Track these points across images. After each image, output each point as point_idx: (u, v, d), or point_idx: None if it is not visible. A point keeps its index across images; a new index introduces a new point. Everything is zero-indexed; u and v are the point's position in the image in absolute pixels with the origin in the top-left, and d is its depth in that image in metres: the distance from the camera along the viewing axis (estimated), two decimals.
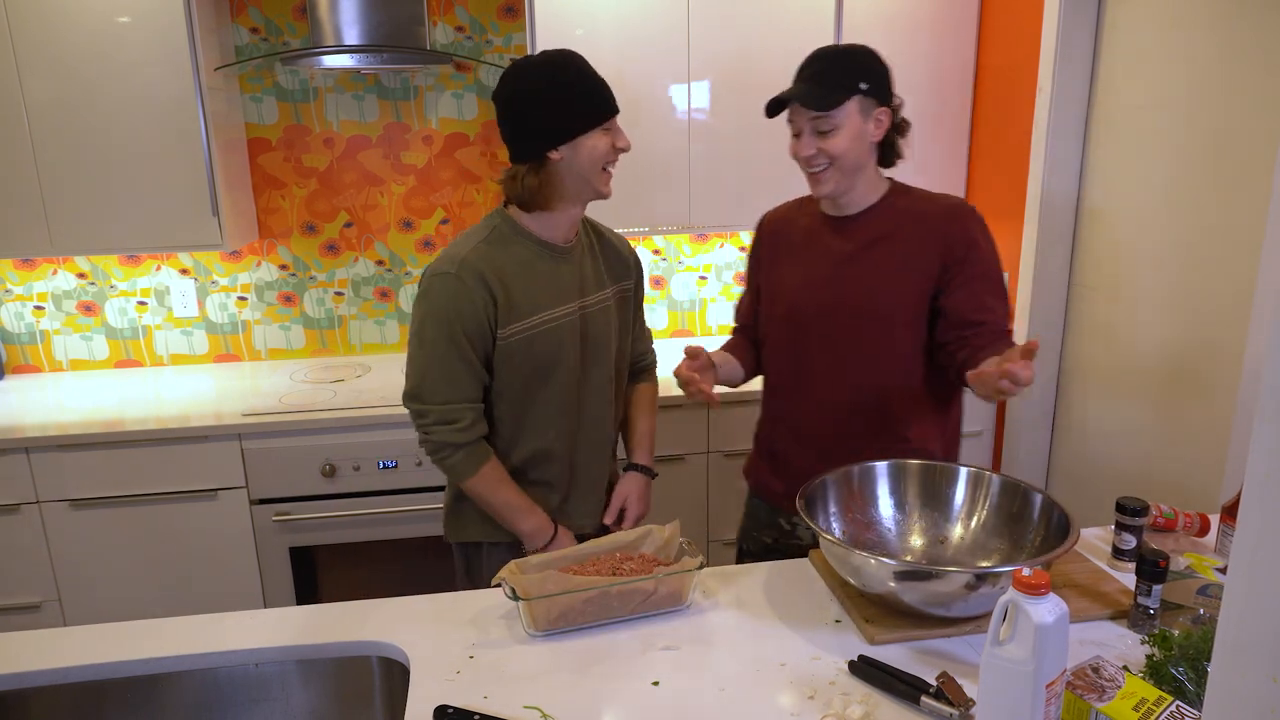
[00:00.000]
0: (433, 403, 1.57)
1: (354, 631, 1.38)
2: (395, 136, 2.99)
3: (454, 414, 1.58)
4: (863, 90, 1.57)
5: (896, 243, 1.65)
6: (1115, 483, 2.50)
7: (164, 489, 2.50)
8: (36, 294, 2.95)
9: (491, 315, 1.56)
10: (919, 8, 2.79)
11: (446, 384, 1.57)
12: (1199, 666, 1.13)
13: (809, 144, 1.60)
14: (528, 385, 1.63)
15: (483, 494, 1.62)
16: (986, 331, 1.61)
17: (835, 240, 1.70)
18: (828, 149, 1.58)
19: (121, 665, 1.31)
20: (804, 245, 1.75)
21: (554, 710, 1.18)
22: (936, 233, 1.63)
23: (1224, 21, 2.07)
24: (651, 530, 1.49)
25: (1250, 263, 2.00)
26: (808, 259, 1.73)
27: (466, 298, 1.53)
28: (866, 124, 1.59)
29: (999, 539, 1.46)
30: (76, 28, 2.44)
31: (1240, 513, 0.57)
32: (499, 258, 1.58)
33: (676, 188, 2.79)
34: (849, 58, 1.60)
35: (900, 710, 1.16)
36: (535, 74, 1.52)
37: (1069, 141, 2.55)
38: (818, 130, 1.58)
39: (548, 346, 1.62)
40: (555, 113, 1.52)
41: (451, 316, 1.54)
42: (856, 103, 1.57)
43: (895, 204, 1.68)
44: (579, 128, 1.52)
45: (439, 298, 1.55)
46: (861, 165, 1.62)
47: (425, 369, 1.57)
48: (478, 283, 1.54)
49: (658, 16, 2.67)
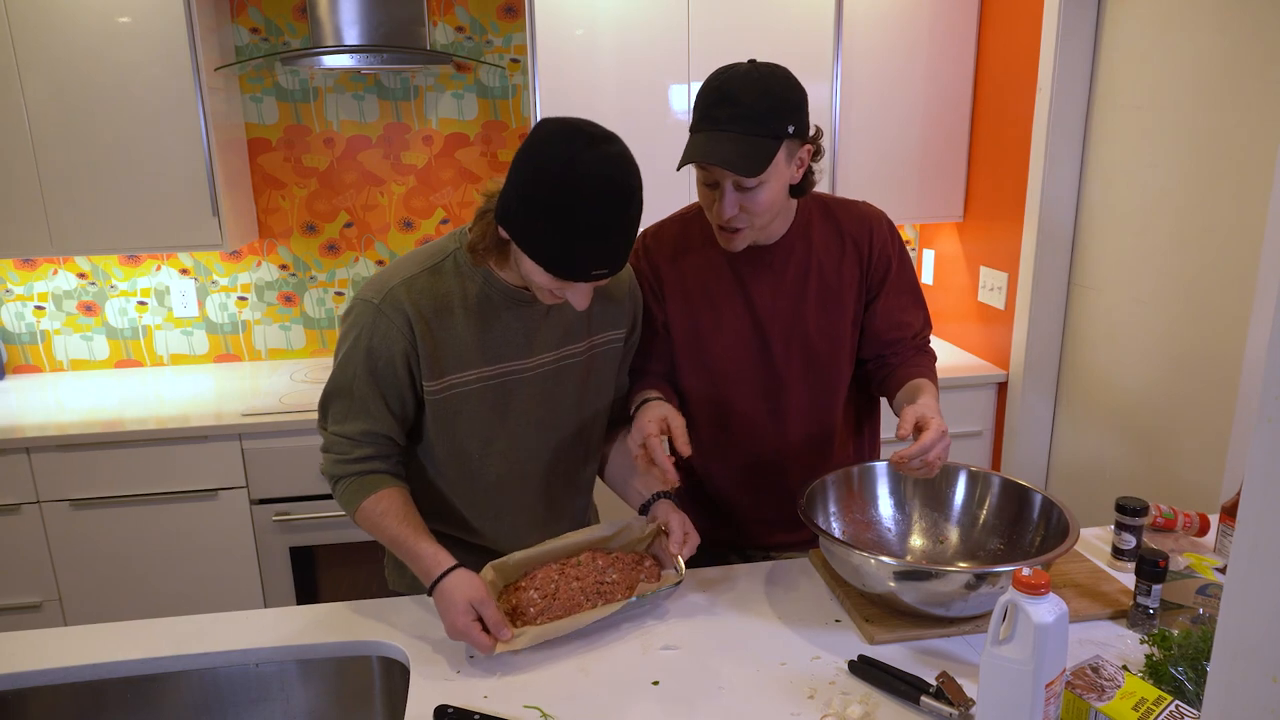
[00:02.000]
0: (326, 427, 1.41)
1: (354, 631, 1.38)
2: (395, 136, 2.99)
3: (337, 444, 1.38)
4: (790, 134, 1.36)
5: (822, 266, 1.53)
6: (1115, 483, 2.50)
7: (164, 489, 2.50)
8: (37, 294, 2.95)
9: (411, 360, 1.34)
10: (919, 8, 2.79)
11: (341, 413, 1.38)
12: (1198, 666, 1.13)
13: (731, 203, 1.38)
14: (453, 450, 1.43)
15: (369, 527, 1.38)
16: (905, 347, 1.57)
17: (753, 280, 1.53)
18: (751, 207, 1.39)
19: (121, 665, 1.31)
20: (715, 290, 1.55)
21: (554, 710, 1.18)
22: (852, 249, 1.53)
23: (1224, 21, 2.07)
24: (630, 525, 1.47)
25: (1250, 263, 2.00)
26: (724, 306, 1.55)
27: (381, 335, 1.32)
28: (789, 169, 1.41)
29: (999, 539, 1.46)
30: (76, 28, 2.44)
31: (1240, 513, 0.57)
32: (441, 293, 1.34)
33: (676, 188, 2.79)
34: (771, 96, 1.35)
35: (900, 710, 1.16)
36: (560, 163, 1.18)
37: (1069, 141, 2.55)
38: (741, 186, 1.37)
39: (488, 407, 1.40)
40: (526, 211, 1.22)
41: (365, 348, 1.33)
42: (784, 150, 1.36)
43: (810, 222, 1.54)
44: (527, 251, 1.23)
45: (356, 324, 1.35)
46: (779, 210, 1.46)
47: (328, 392, 1.39)
48: (399, 320, 1.32)
49: (658, 16, 2.67)
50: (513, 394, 1.42)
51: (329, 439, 1.40)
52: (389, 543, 1.38)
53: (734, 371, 1.57)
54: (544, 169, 1.19)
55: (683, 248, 1.58)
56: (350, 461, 1.38)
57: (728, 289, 1.55)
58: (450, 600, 1.27)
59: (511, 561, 1.39)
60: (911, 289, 1.60)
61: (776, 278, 1.53)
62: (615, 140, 1.22)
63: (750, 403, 1.58)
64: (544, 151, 1.20)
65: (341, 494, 1.40)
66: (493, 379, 1.40)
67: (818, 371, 1.57)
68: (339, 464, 1.39)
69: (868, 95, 2.83)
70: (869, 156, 2.88)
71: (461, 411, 1.40)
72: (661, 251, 1.59)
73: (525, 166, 1.22)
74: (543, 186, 1.19)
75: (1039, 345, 2.71)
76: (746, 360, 1.56)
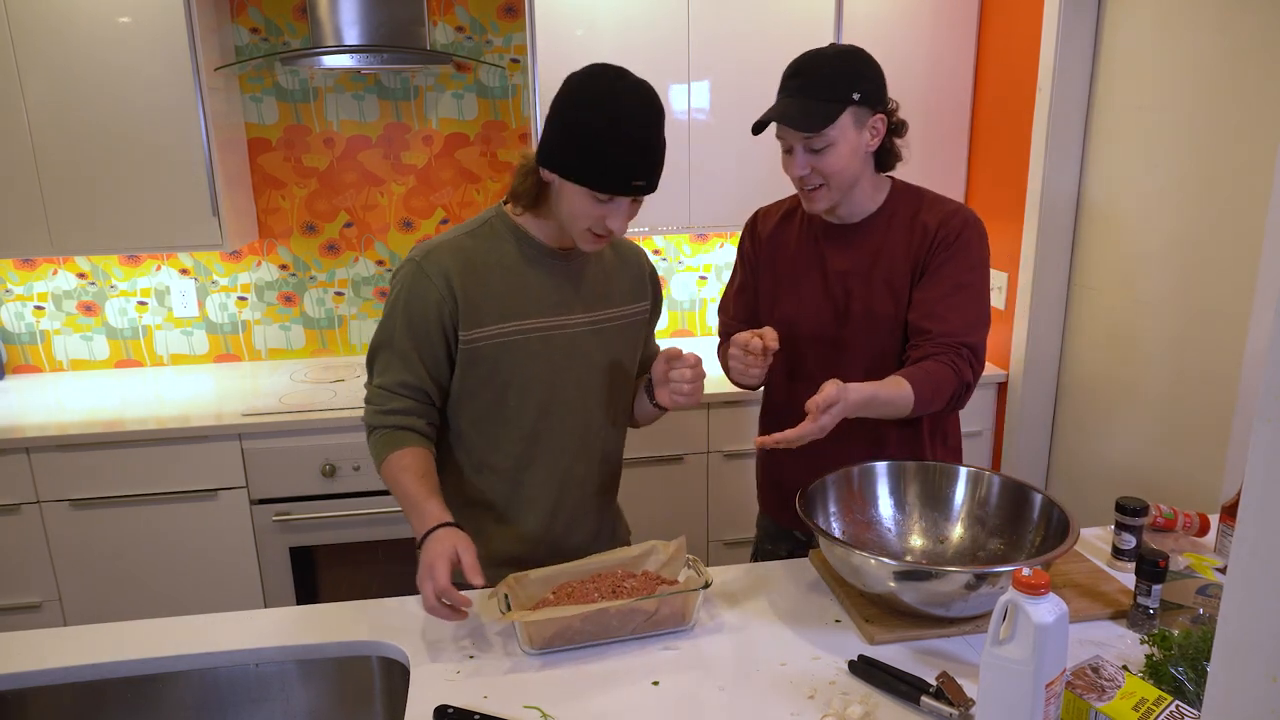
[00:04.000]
0: (368, 380, 1.51)
1: (354, 631, 1.38)
2: (395, 136, 2.99)
3: (376, 396, 1.48)
4: (856, 100, 1.46)
5: (894, 253, 1.57)
6: (1115, 483, 2.50)
7: (164, 489, 2.50)
8: (37, 294, 2.95)
9: (448, 312, 1.44)
10: (919, 8, 2.79)
11: (383, 364, 1.48)
12: (1199, 666, 1.13)
13: (802, 163, 1.49)
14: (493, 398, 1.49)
15: (389, 482, 1.45)
16: (929, 343, 1.51)
17: (834, 255, 1.61)
18: (822, 168, 1.48)
19: (121, 665, 1.31)
20: (802, 260, 1.65)
21: (554, 710, 1.18)
22: (920, 235, 1.56)
23: (1224, 21, 2.07)
24: (655, 546, 1.46)
25: (1250, 263, 2.00)
26: (807, 276, 1.64)
27: (420, 290, 1.43)
28: (861, 135, 1.49)
29: (999, 539, 1.46)
30: (76, 28, 2.44)
31: (1240, 513, 0.57)
32: (478, 253, 1.46)
33: (676, 188, 2.79)
34: (839, 65, 1.47)
35: (900, 710, 1.16)
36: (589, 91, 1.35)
37: (1069, 141, 2.55)
38: (810, 148, 1.47)
39: (516, 359, 1.47)
40: (567, 141, 1.35)
41: (405, 303, 1.45)
42: (850, 115, 1.46)
43: (898, 211, 1.60)
44: (572, 175, 1.36)
45: (400, 281, 1.46)
46: (857, 178, 1.54)
47: (373, 347, 1.50)
48: (438, 276, 1.43)
49: (658, 16, 2.67)
50: (553, 348, 1.50)
51: (371, 391, 1.48)
52: (401, 497, 1.42)
53: (802, 337, 1.64)
54: (583, 101, 1.34)
55: (785, 219, 1.71)
56: (386, 413, 1.46)
57: (809, 258, 1.64)
58: (428, 549, 1.31)
59: (532, 576, 1.39)
60: (962, 290, 1.54)
61: (852, 254, 1.60)
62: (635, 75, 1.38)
63: (813, 372, 1.58)
64: (580, 88, 1.36)
65: (374, 445, 1.47)
66: (531, 331, 1.48)
67: (876, 355, 1.59)
68: (376, 414, 1.47)
69: None
70: None
71: (501, 359, 1.47)
72: (767, 221, 1.73)
73: (564, 105, 1.36)
74: (584, 114, 1.33)
75: (1039, 345, 2.71)
76: (813, 330, 1.64)
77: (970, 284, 1.56)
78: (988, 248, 1.60)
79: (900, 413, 1.46)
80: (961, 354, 1.51)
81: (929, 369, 1.49)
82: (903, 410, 1.45)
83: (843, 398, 1.35)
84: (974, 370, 1.53)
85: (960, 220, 1.57)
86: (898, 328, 1.59)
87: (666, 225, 2.81)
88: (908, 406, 1.45)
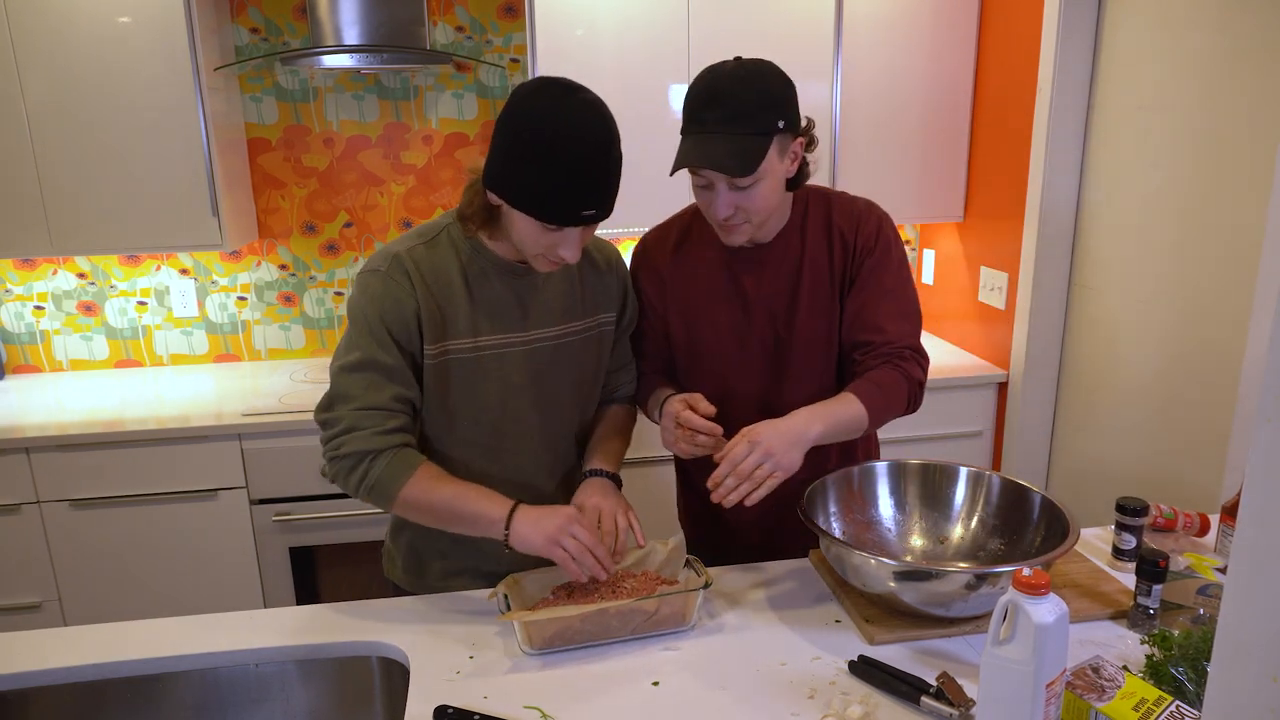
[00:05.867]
0: (345, 408, 1.34)
1: (354, 631, 1.38)
2: (395, 136, 2.99)
3: (368, 418, 1.32)
4: (780, 129, 1.35)
5: (814, 264, 1.50)
6: (1115, 483, 2.50)
7: (164, 489, 2.50)
8: (36, 294, 2.95)
9: (418, 323, 1.35)
10: (919, 9, 2.79)
11: (366, 384, 1.33)
12: (1199, 666, 1.13)
13: (726, 203, 1.37)
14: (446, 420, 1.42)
15: (420, 500, 1.34)
16: (873, 354, 1.46)
17: (749, 278, 1.52)
18: (748, 205, 1.38)
19: (121, 665, 1.31)
20: (715, 291, 1.54)
21: (554, 710, 1.18)
22: (839, 241, 1.49)
23: (1223, 22, 2.07)
24: (654, 547, 1.45)
25: (1250, 263, 2.00)
26: (725, 308, 1.54)
27: (393, 299, 1.33)
28: (784, 164, 1.40)
29: (999, 539, 1.46)
30: (76, 28, 2.44)
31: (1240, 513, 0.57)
32: (438, 263, 1.37)
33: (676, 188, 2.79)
34: (758, 92, 1.34)
35: (900, 710, 1.16)
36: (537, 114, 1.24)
37: (1069, 142, 2.55)
38: (736, 186, 1.36)
39: (470, 379, 1.39)
40: (511, 167, 1.25)
41: (379, 315, 1.33)
42: (775, 146, 1.35)
43: (808, 220, 1.52)
44: (517, 203, 1.26)
45: (365, 295, 1.35)
46: (778, 205, 1.45)
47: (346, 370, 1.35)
48: (406, 282, 1.34)
49: (658, 16, 2.67)
50: (509, 366, 1.42)
51: (356, 416, 1.33)
52: (447, 502, 1.34)
53: (727, 369, 1.56)
54: (526, 122, 1.24)
55: (683, 247, 1.59)
56: (388, 432, 1.33)
57: (723, 286, 1.54)
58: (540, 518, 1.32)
59: (531, 577, 1.39)
60: (893, 295, 1.49)
61: (769, 274, 1.52)
62: (588, 90, 1.27)
63: (744, 401, 1.54)
64: (524, 106, 1.25)
65: (385, 470, 1.32)
66: (488, 349, 1.40)
67: (809, 370, 1.54)
68: (377, 436, 1.33)
69: (868, 95, 2.83)
70: (869, 157, 2.88)
71: (455, 378, 1.39)
72: (662, 252, 1.60)
73: (508, 125, 1.26)
74: (527, 136, 1.23)
75: (1039, 345, 2.71)
76: (738, 358, 1.55)
77: (898, 286, 1.50)
78: (900, 236, 1.53)
79: (858, 431, 1.41)
80: (905, 355, 1.46)
81: (877, 379, 1.43)
82: (860, 428, 1.40)
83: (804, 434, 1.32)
84: (921, 367, 1.49)
85: (875, 221, 1.51)
86: (831, 346, 1.53)
87: None
88: (864, 423, 1.40)
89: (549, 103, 1.24)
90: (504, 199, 1.28)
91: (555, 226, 1.27)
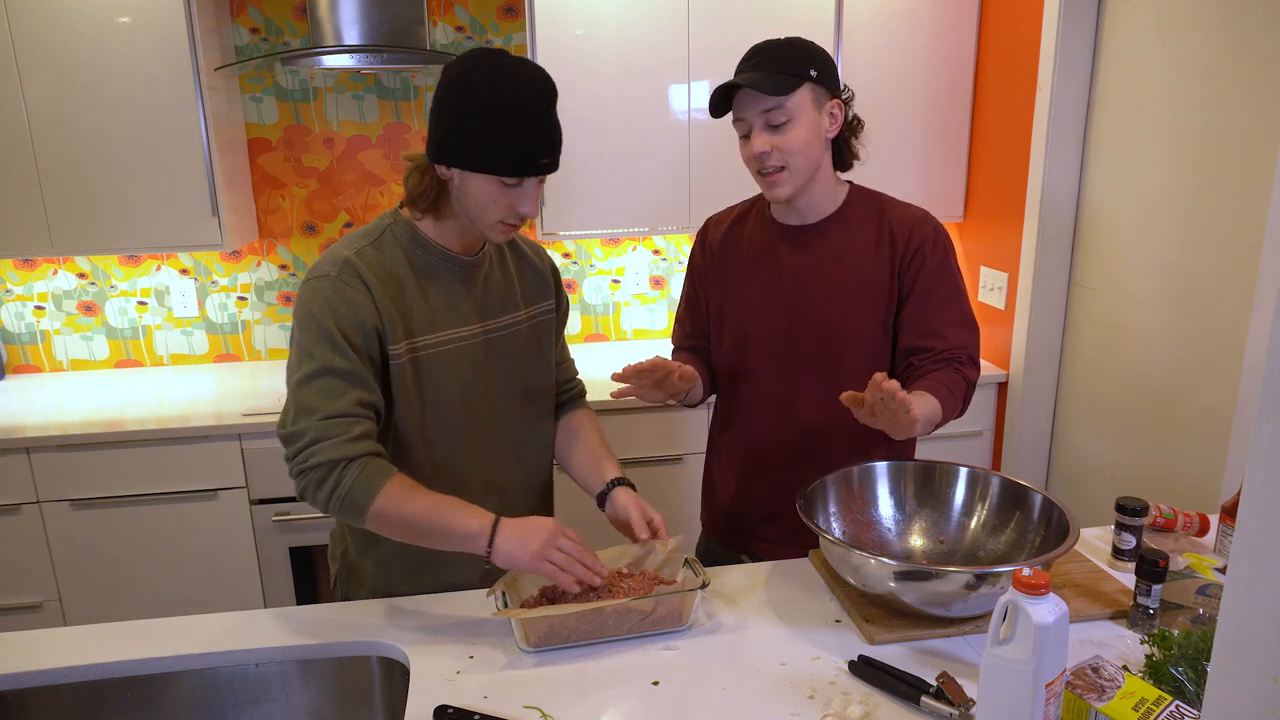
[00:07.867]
0: (309, 420, 1.28)
1: (354, 631, 1.38)
2: (395, 136, 2.99)
3: (332, 428, 1.28)
4: (813, 77, 1.47)
5: (857, 258, 1.56)
6: (1115, 483, 2.50)
7: (164, 489, 2.50)
8: (37, 294, 2.95)
9: (377, 324, 1.33)
10: (919, 8, 2.79)
11: (326, 391, 1.29)
12: (1199, 666, 1.13)
13: (761, 140, 1.47)
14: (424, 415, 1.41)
15: (393, 512, 1.29)
16: (934, 359, 1.51)
17: (790, 254, 1.59)
18: (782, 144, 1.47)
19: (121, 665, 1.31)
20: (756, 260, 1.62)
21: (554, 710, 1.18)
22: (888, 244, 1.55)
23: (1223, 22, 2.07)
24: (653, 545, 1.45)
25: (1250, 263, 2.00)
26: (759, 275, 1.61)
27: (348, 301, 1.31)
28: (820, 117, 1.50)
29: (999, 539, 1.46)
30: (76, 28, 2.44)
31: (1240, 513, 0.57)
32: (387, 263, 1.37)
33: (676, 188, 2.79)
34: (793, 47, 1.50)
35: (900, 710, 1.16)
36: (478, 78, 1.28)
37: (1069, 141, 2.55)
38: (770, 124, 1.47)
39: (446, 371, 1.41)
40: (460, 130, 1.29)
41: (331, 320, 1.30)
42: (809, 91, 1.47)
43: (856, 212, 1.58)
44: (475, 165, 1.30)
45: (315, 301, 1.31)
46: (818, 165, 1.52)
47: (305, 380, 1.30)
48: (360, 286, 1.32)
49: (658, 16, 2.67)
50: (468, 358, 1.44)
51: (321, 426, 1.28)
52: (424, 514, 1.29)
53: (753, 340, 1.62)
54: (472, 85, 1.29)
55: (738, 224, 1.68)
56: (356, 439, 1.29)
57: (764, 259, 1.62)
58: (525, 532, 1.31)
59: (528, 576, 1.39)
60: (951, 303, 1.55)
61: (809, 255, 1.58)
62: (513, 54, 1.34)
63: (763, 377, 1.61)
64: (465, 75, 1.30)
65: (356, 480, 1.27)
66: (449, 343, 1.42)
67: (831, 358, 1.57)
68: (345, 444, 1.28)
69: (868, 95, 2.82)
70: (869, 156, 2.87)
71: (425, 374, 1.40)
72: (719, 226, 1.71)
73: (452, 95, 1.30)
74: (476, 99, 1.28)
75: (1039, 345, 2.72)
76: (764, 332, 1.61)
77: (957, 293, 1.57)
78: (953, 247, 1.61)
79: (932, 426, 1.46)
80: (963, 358, 1.53)
81: (942, 379, 1.48)
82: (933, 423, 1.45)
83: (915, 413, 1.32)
84: (976, 369, 1.56)
85: (931, 228, 1.57)
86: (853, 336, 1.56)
87: (667, 225, 2.81)
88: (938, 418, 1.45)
89: (488, 65, 1.29)
90: (460, 166, 1.32)
91: (515, 180, 1.31)
